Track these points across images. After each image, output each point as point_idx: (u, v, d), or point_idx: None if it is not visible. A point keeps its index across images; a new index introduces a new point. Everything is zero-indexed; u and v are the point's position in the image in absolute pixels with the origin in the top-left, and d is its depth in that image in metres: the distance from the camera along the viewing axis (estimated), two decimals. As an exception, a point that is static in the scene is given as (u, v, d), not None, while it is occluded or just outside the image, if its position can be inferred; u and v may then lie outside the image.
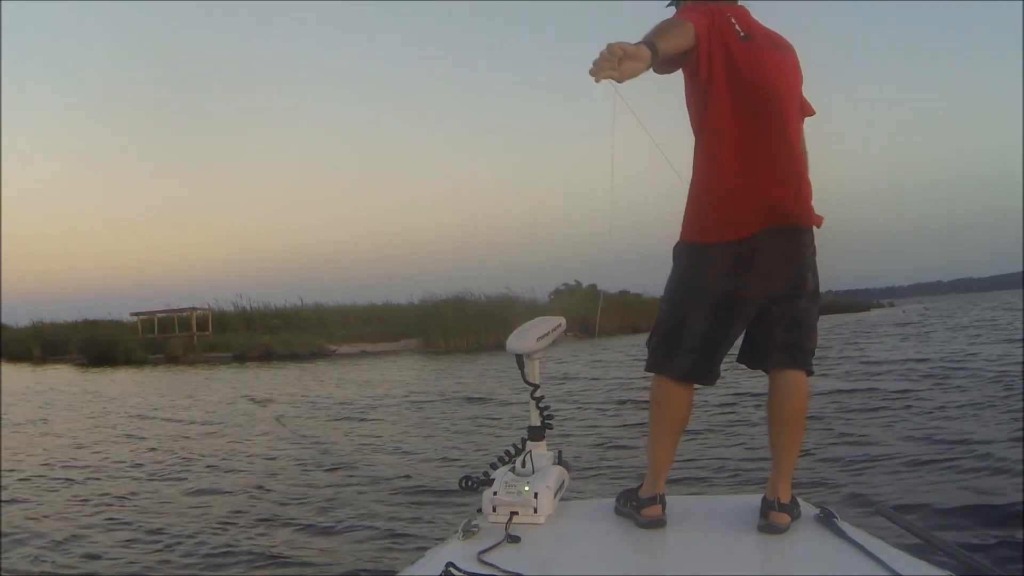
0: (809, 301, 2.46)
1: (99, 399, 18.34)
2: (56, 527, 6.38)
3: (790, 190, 2.37)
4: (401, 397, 15.55)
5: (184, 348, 36.30)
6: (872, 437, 8.94)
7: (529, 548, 2.13)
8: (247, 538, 5.83)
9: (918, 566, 1.90)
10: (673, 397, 2.46)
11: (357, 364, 27.56)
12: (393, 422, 11.96)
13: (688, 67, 2.39)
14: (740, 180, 2.34)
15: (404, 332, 35.74)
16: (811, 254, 2.46)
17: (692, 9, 2.39)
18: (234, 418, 13.45)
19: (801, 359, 2.43)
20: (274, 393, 17.50)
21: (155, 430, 12.33)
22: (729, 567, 2.07)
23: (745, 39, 2.35)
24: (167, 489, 7.78)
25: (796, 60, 2.50)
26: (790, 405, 2.42)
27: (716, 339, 2.42)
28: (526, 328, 2.59)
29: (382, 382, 19.38)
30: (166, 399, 17.56)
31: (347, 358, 31.73)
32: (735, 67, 2.33)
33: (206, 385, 21.20)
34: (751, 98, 2.34)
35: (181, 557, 5.47)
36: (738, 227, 2.34)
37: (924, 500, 6.12)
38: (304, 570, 5.08)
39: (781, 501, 2.32)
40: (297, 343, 34.64)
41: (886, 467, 7.44)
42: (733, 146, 2.35)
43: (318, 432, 11.31)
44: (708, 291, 2.39)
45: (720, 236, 2.36)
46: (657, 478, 2.44)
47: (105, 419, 14.21)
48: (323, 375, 22.75)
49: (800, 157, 2.44)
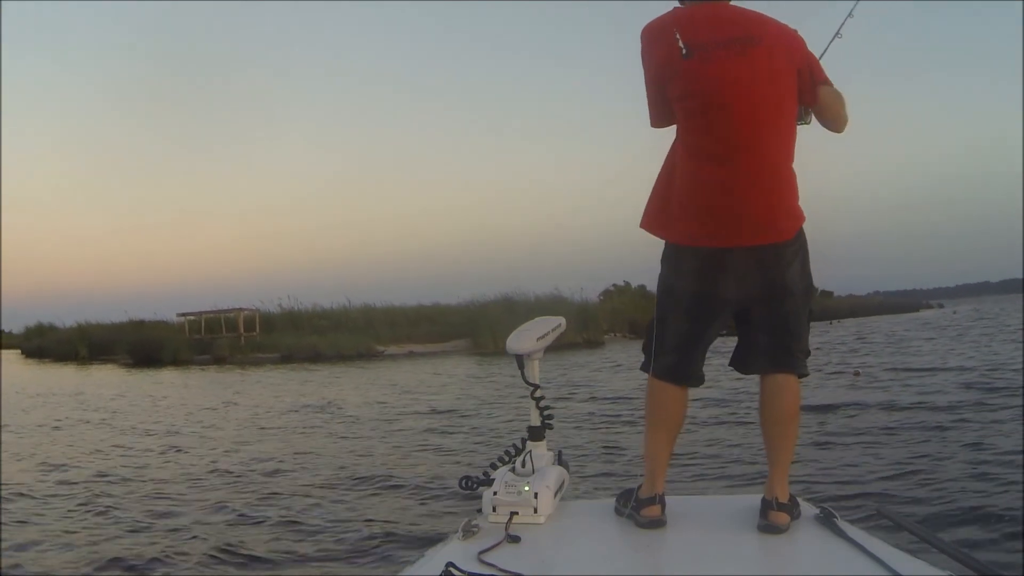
0: (796, 303, 2.43)
1: (146, 399, 18.60)
2: (57, 527, 6.44)
3: (757, 209, 2.33)
4: (432, 399, 15.55)
5: (231, 349, 36.22)
6: (873, 438, 9.10)
7: (529, 548, 2.12)
8: (247, 537, 5.85)
9: (918, 566, 1.89)
10: (665, 396, 2.47)
11: (404, 365, 27.82)
12: (417, 426, 11.88)
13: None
14: (703, 197, 2.35)
15: (452, 333, 35.49)
16: (792, 259, 2.41)
17: (647, 73, 2.41)
18: (260, 420, 13.53)
19: (788, 362, 2.43)
20: (320, 395, 17.53)
21: (165, 432, 12.42)
22: (729, 567, 2.06)
23: (687, 56, 2.28)
24: (168, 488, 7.80)
25: (775, 48, 2.32)
26: (780, 407, 2.43)
27: (694, 338, 2.44)
28: (526, 328, 2.58)
29: (417, 385, 19.29)
30: (202, 400, 17.81)
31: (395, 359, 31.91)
32: (680, 90, 2.32)
33: (246, 387, 21.39)
34: (703, 116, 2.32)
35: (180, 556, 5.45)
36: (706, 238, 2.35)
37: (924, 500, 6.22)
38: (304, 570, 5.12)
39: (780, 501, 2.32)
40: (345, 344, 34.41)
41: (887, 467, 7.53)
42: (691, 164, 2.36)
43: (339, 433, 11.49)
44: (684, 291, 2.41)
45: (691, 241, 2.38)
46: (655, 478, 2.44)
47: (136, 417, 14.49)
48: (369, 377, 22.89)
49: (770, 168, 2.34)
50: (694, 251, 2.38)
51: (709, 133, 2.33)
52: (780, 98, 2.34)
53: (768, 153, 2.34)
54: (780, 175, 2.37)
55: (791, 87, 2.35)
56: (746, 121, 2.30)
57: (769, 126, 2.33)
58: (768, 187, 2.34)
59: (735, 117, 2.29)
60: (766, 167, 2.34)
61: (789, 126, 2.39)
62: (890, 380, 14.90)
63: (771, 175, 2.35)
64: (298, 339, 35.73)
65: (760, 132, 2.32)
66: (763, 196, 2.33)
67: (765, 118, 2.32)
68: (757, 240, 2.34)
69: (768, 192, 2.34)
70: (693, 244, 2.38)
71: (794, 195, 2.40)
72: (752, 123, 2.31)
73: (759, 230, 2.34)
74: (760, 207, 2.33)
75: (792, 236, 2.39)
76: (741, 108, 2.29)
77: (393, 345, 35.08)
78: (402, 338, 35.96)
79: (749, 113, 2.30)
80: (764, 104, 2.31)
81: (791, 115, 2.39)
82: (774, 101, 2.33)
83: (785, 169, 2.39)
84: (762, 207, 2.33)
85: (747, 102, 2.29)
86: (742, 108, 2.29)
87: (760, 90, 2.31)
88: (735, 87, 2.28)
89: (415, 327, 37.36)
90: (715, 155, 2.33)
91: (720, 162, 2.32)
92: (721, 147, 2.32)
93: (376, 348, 34.68)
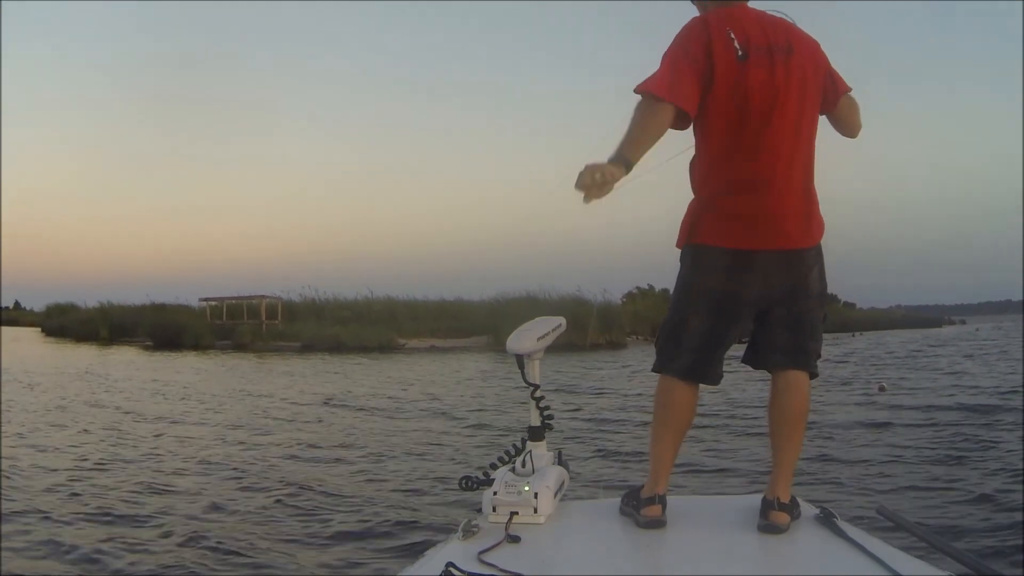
0: (813, 304, 2.46)
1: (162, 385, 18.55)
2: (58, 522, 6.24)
3: (786, 213, 2.36)
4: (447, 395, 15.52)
5: (252, 336, 36.20)
6: (873, 438, 9.15)
7: (529, 548, 2.11)
8: (242, 535, 5.77)
9: (918, 566, 1.88)
10: (676, 397, 2.47)
11: (423, 359, 27.83)
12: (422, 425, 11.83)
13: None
14: (732, 200, 2.36)
15: (474, 329, 35.34)
16: (813, 264, 2.45)
17: (690, 52, 2.32)
18: (263, 412, 13.43)
19: (803, 360, 2.44)
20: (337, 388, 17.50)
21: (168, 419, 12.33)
22: (729, 567, 2.06)
23: (743, 59, 2.31)
24: (167, 488, 7.60)
25: (805, 58, 2.40)
26: (791, 405, 2.43)
27: (716, 338, 2.44)
28: (526, 328, 2.57)
29: (431, 381, 19.24)
30: (214, 387, 17.85)
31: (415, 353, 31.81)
32: (727, 90, 2.31)
33: (260, 376, 21.41)
34: (743, 121, 2.32)
35: (177, 557, 5.27)
36: (733, 240, 2.36)
37: (924, 500, 6.24)
38: (304, 570, 5.06)
39: (781, 501, 2.31)
40: (367, 335, 34.37)
41: (887, 468, 7.56)
42: (726, 166, 2.37)
43: (344, 426, 11.48)
44: (708, 290, 2.41)
45: (718, 241, 2.38)
46: (658, 478, 2.44)
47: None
48: (386, 370, 22.87)
49: (802, 174, 2.40)
50: (721, 251, 2.39)
51: (749, 137, 2.34)
52: (813, 106, 2.43)
53: (802, 159, 2.40)
54: (810, 182, 2.43)
55: (820, 95, 2.45)
56: (787, 128, 2.36)
57: (804, 133, 2.41)
58: (801, 193, 2.40)
59: (776, 123, 2.33)
60: (800, 173, 2.39)
61: (815, 134, 2.46)
62: (907, 391, 15.04)
63: (804, 181, 2.41)
64: (320, 329, 35.76)
65: (797, 139, 2.39)
66: (796, 201, 2.38)
67: (802, 125, 2.39)
68: (787, 244, 2.38)
69: (801, 197, 2.39)
70: (720, 244, 2.39)
71: (818, 201, 2.47)
72: (791, 130, 2.37)
73: (791, 234, 2.38)
74: (793, 212, 2.38)
75: (818, 242, 2.45)
76: (782, 115, 2.34)
77: (414, 339, 35.06)
78: (424, 332, 35.94)
79: (790, 120, 2.36)
80: (801, 112, 2.39)
81: (817, 124, 2.47)
82: (809, 109, 2.41)
83: (813, 176, 2.45)
84: (795, 212, 2.38)
85: (788, 109, 2.35)
86: (783, 115, 2.35)
87: (799, 98, 2.38)
88: (779, 94, 2.33)
89: (437, 321, 37.31)
90: (752, 158, 2.35)
91: (756, 166, 2.35)
92: (759, 152, 2.34)
93: (397, 341, 34.68)
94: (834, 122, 2.56)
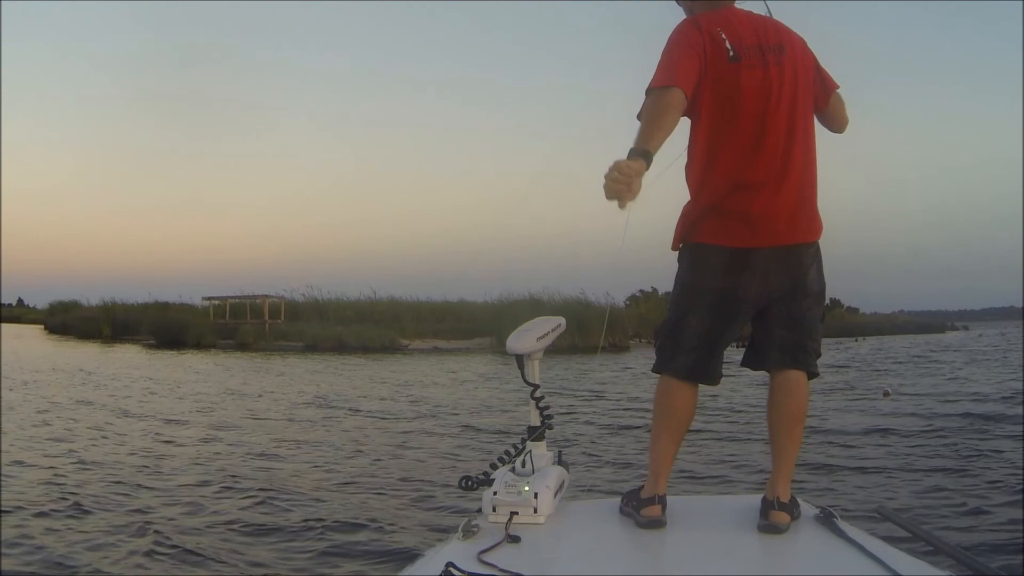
0: (812, 302, 2.47)
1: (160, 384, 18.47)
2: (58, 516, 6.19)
3: (783, 210, 2.37)
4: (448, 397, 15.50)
5: (255, 335, 36.19)
6: (875, 442, 9.13)
7: (529, 548, 2.11)
8: (238, 536, 5.73)
9: (918, 566, 1.88)
10: (676, 397, 2.48)
11: (426, 360, 27.76)
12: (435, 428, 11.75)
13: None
14: (729, 199, 2.37)
15: (478, 330, 35.30)
16: (811, 262, 2.46)
17: (683, 42, 2.35)
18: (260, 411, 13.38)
19: (802, 359, 2.45)
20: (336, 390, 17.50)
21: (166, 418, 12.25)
22: (729, 567, 2.06)
23: (734, 59, 2.34)
24: (169, 486, 7.53)
25: (797, 57, 2.43)
26: (790, 405, 2.44)
27: (715, 337, 2.45)
28: (525, 328, 2.57)
29: (433, 381, 19.21)
30: (214, 385, 17.88)
31: (418, 354, 31.81)
32: (720, 91, 2.34)
33: (261, 375, 21.36)
34: (738, 121, 2.34)
35: (175, 558, 5.21)
36: (731, 238, 2.37)
37: (924, 500, 6.22)
38: (303, 570, 5.04)
39: (781, 500, 2.32)
40: (370, 336, 34.36)
41: (887, 468, 7.56)
42: (722, 166, 2.37)
43: (344, 428, 11.44)
44: (706, 290, 2.42)
45: (716, 240, 2.39)
46: (658, 478, 2.44)
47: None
48: (388, 371, 22.92)
49: (796, 172, 2.40)
50: (719, 250, 2.40)
51: (743, 136, 2.36)
52: (807, 104, 2.46)
53: (797, 156, 2.40)
54: (807, 179, 2.44)
55: (811, 93, 2.48)
56: (781, 126, 2.38)
57: (799, 131, 2.42)
58: (798, 190, 2.40)
59: (770, 122, 2.36)
60: (796, 171, 2.40)
61: (813, 131, 2.49)
62: (908, 396, 15.05)
63: (800, 178, 2.41)
64: (323, 328, 35.76)
65: (792, 137, 2.40)
66: (793, 199, 2.39)
67: (796, 123, 2.41)
68: (785, 240, 2.39)
69: (796, 195, 2.40)
70: (717, 243, 2.40)
71: (816, 199, 2.48)
72: (786, 128, 2.39)
73: (788, 230, 2.39)
74: (790, 209, 2.39)
75: (816, 238, 2.46)
76: (776, 114, 2.37)
77: (418, 339, 35.04)
78: (427, 333, 35.92)
79: (784, 118, 2.38)
80: (795, 109, 2.41)
81: (812, 120, 2.50)
82: (803, 107, 2.44)
83: (810, 173, 2.45)
84: (792, 209, 2.39)
85: (782, 108, 2.38)
86: (777, 114, 2.37)
87: (792, 96, 2.40)
88: (772, 93, 2.36)
89: (441, 322, 37.29)
90: (747, 158, 2.36)
91: (752, 165, 2.36)
92: (755, 151, 2.36)
93: (401, 341, 34.67)
94: (823, 119, 2.59)
